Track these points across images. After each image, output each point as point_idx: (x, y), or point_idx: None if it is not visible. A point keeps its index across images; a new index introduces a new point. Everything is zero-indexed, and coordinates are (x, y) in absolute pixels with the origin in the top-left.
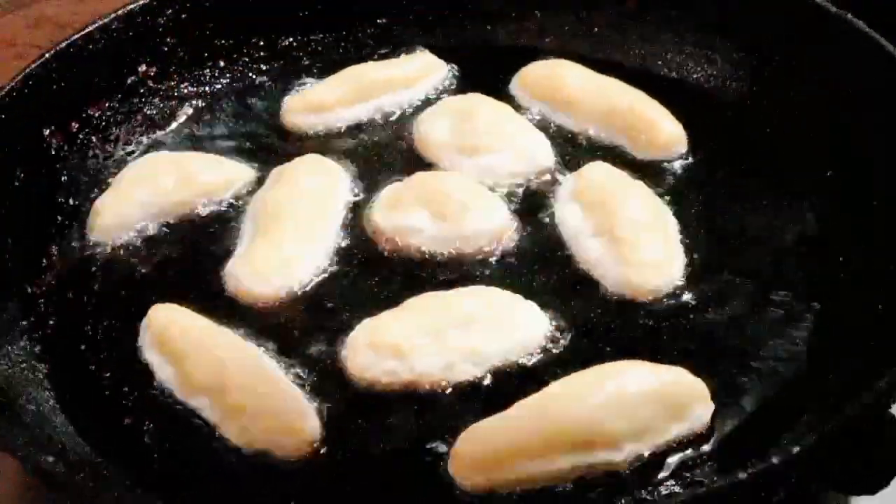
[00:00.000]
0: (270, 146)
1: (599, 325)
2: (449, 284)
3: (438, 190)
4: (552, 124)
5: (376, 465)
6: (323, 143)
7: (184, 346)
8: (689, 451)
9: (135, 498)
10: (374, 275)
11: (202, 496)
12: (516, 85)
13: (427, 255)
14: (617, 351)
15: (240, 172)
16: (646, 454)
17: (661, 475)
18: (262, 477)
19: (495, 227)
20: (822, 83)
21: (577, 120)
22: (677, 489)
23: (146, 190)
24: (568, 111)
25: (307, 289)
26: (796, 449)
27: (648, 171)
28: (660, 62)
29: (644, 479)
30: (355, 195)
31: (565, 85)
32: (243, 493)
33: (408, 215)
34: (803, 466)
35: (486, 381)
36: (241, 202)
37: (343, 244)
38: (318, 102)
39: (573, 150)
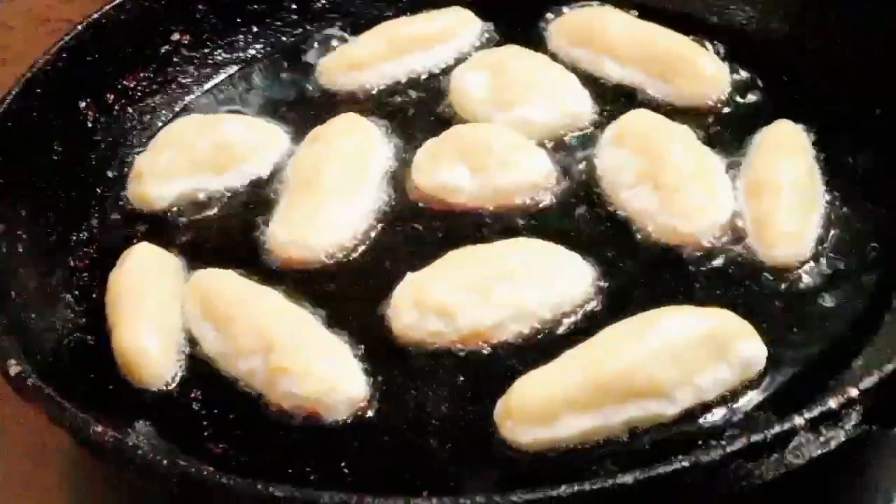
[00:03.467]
0: (306, 109)
1: (644, 273)
2: (491, 238)
3: (477, 142)
4: (591, 73)
5: (425, 425)
6: (359, 104)
7: (228, 309)
8: (743, 400)
9: (185, 465)
10: (416, 232)
11: (251, 462)
12: (554, 33)
13: (468, 210)
14: (662, 299)
15: (273, 133)
16: (699, 405)
17: (716, 425)
18: (310, 440)
19: (536, 179)
20: (865, 19)
21: (616, 66)
22: (734, 437)
23: (182, 151)
24: (607, 57)
25: (348, 249)
26: (854, 392)
27: (690, 119)
28: (699, 5)
29: (699, 429)
30: (393, 153)
31: (604, 30)
32: (292, 457)
33: (447, 170)
34: (863, 409)
35: (533, 336)
36: (278, 164)
37: (382, 203)
38: (354, 60)
39: (612, 99)
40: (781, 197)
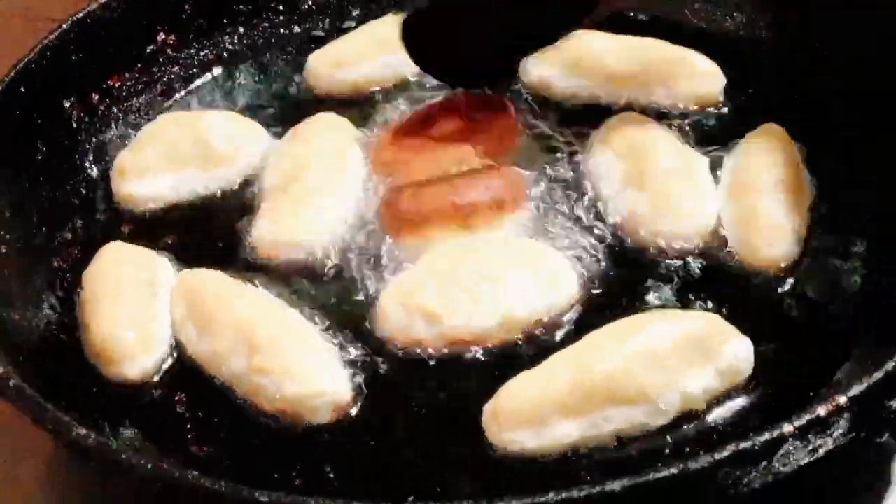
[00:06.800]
0: (292, 108)
1: (630, 277)
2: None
3: None
4: (584, 94)
5: (411, 428)
6: (345, 103)
7: (212, 309)
8: (730, 407)
9: (169, 469)
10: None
11: (235, 465)
12: (542, 63)
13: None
14: (648, 303)
15: (256, 131)
16: (687, 413)
17: (704, 433)
18: (294, 443)
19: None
20: (853, 25)
21: (610, 88)
22: (722, 444)
23: (164, 147)
24: (598, 81)
25: (334, 248)
26: (843, 400)
27: (678, 122)
28: (687, 11)
29: (687, 438)
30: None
31: (591, 52)
32: (277, 460)
33: None
34: (852, 417)
35: (519, 338)
36: (262, 162)
37: (364, 201)
38: (340, 59)
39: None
40: (766, 199)
